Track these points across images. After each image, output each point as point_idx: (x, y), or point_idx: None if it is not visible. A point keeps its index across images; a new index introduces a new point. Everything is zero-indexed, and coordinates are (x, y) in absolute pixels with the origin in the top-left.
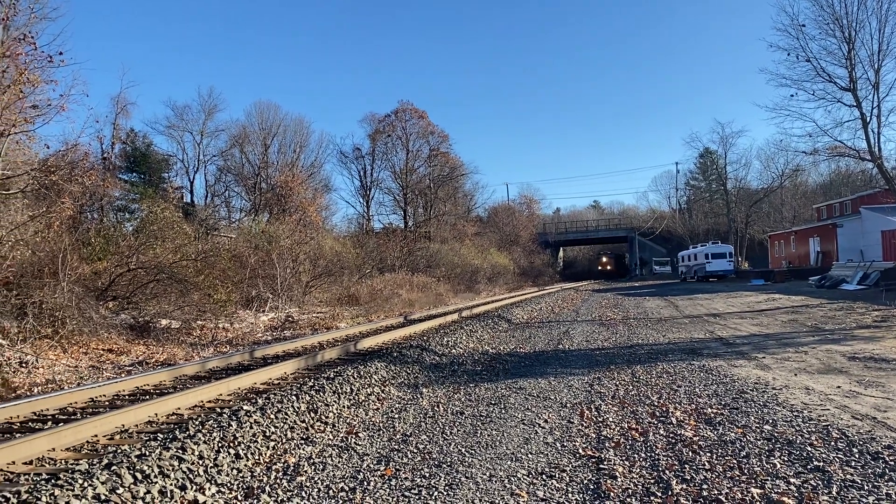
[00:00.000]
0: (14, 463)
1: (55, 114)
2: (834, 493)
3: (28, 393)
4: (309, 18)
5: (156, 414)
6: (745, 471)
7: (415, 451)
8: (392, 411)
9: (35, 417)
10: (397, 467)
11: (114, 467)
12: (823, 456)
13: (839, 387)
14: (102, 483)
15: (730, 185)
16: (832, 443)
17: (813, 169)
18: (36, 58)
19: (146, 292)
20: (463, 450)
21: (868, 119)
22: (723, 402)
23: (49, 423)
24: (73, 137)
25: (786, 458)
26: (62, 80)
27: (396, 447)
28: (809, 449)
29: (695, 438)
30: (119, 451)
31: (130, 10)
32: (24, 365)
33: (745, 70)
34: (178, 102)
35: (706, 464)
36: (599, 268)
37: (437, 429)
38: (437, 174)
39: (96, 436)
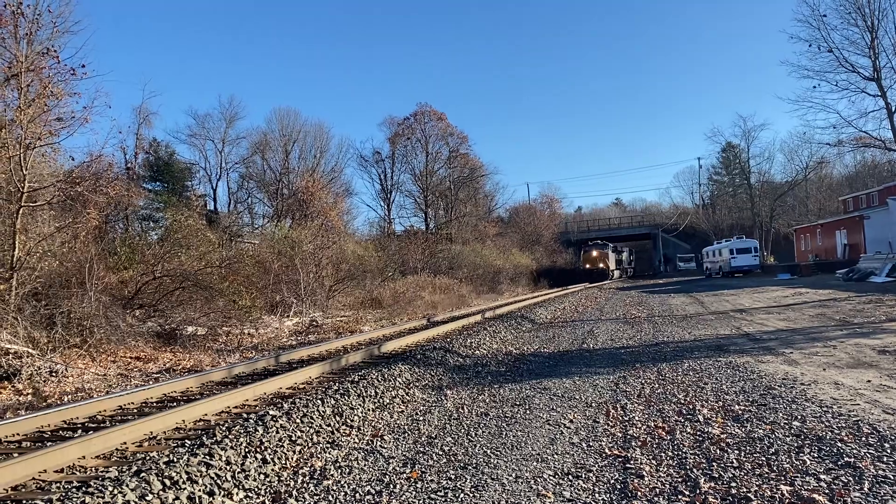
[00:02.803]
0: (46, 471)
1: (79, 126)
2: (866, 489)
3: (58, 402)
4: (326, 24)
5: (183, 420)
6: (775, 468)
7: (440, 453)
8: (417, 414)
9: (65, 426)
10: (423, 469)
11: (143, 474)
12: (854, 452)
13: (869, 381)
14: (132, 490)
15: (753, 179)
16: (863, 438)
17: (838, 160)
18: (59, 71)
19: (172, 300)
20: (488, 451)
21: (893, 108)
22: (750, 399)
23: (79, 431)
24: (97, 149)
25: (816, 455)
26: (85, 92)
27: (422, 449)
28: (840, 445)
29: (722, 436)
30: (148, 457)
31: (150, 22)
32: (54, 374)
33: (767, 62)
34: (199, 111)
35: (734, 461)
36: (588, 265)
37: (462, 430)
38: (457, 175)
39: (125, 443)
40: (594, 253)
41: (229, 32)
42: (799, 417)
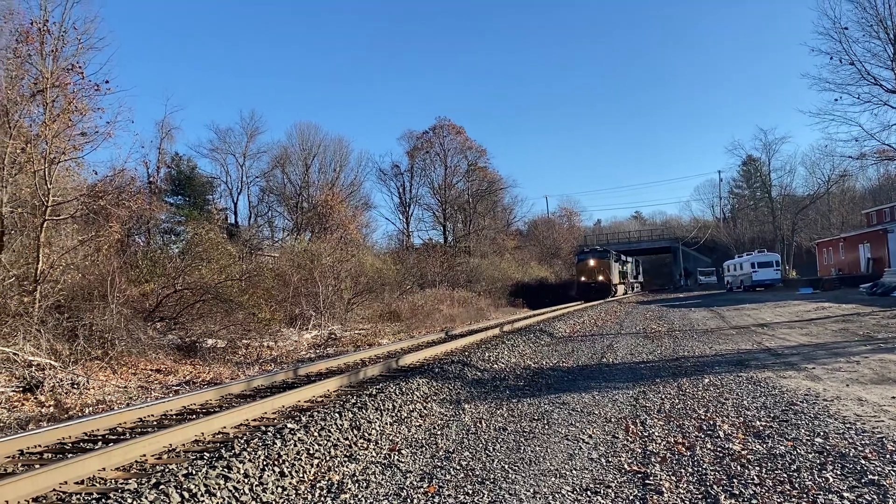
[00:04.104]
0: (66, 483)
1: (102, 140)
2: None
3: (80, 413)
4: (347, 39)
5: (202, 433)
6: (796, 485)
7: (458, 467)
8: (434, 427)
9: (86, 438)
10: (440, 484)
11: (162, 486)
12: (878, 469)
13: (894, 397)
14: (151, 502)
15: (774, 192)
16: (887, 455)
17: (861, 174)
18: (84, 87)
19: (192, 313)
20: (506, 466)
21: None
22: (772, 415)
23: (100, 443)
24: (119, 163)
25: (838, 472)
26: (108, 107)
27: (439, 464)
28: (863, 462)
29: (743, 452)
30: (167, 470)
31: (172, 38)
32: (75, 386)
33: (787, 75)
34: (220, 126)
35: (755, 478)
36: (583, 278)
37: (480, 445)
38: (475, 189)
39: (145, 455)
40: (591, 262)
41: (250, 48)
42: (821, 434)
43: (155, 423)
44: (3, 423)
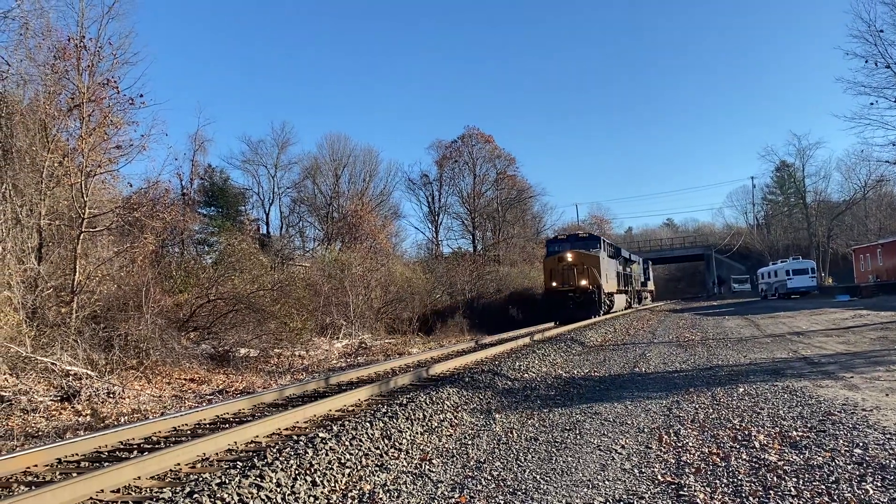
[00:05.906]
0: (103, 491)
1: (137, 153)
2: None
3: (115, 422)
4: (376, 49)
5: (235, 442)
6: (835, 497)
7: (489, 477)
8: (465, 437)
9: (122, 446)
10: (471, 494)
11: (195, 495)
12: None
13: None
14: None
15: (809, 198)
16: None
17: None
18: (119, 101)
19: (225, 322)
20: (538, 476)
21: None
22: (808, 425)
23: (135, 451)
24: (154, 175)
25: (879, 484)
26: (143, 120)
27: (470, 474)
28: None
29: (779, 463)
30: (200, 479)
31: (206, 52)
32: (111, 395)
33: (821, 79)
34: (252, 137)
35: (792, 489)
36: (555, 283)
37: (511, 455)
38: (504, 197)
39: (179, 464)
40: (568, 256)
41: (282, 61)
42: (861, 444)
43: (189, 432)
44: (41, 432)
